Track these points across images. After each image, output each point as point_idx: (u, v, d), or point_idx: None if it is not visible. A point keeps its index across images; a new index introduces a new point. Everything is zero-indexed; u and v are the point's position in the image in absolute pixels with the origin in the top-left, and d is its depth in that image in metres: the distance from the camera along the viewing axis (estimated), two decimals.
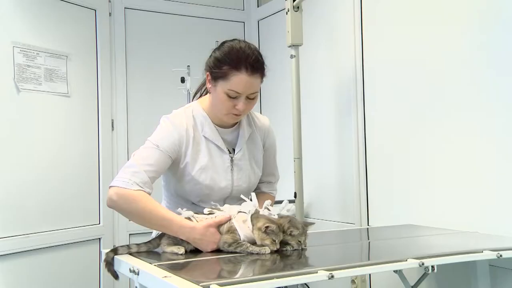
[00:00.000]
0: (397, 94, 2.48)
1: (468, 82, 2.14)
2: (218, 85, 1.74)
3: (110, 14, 3.23)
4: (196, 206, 1.81)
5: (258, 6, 3.67)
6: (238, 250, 1.59)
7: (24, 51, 2.72)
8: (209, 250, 1.63)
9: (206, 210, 1.69)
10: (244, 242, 1.59)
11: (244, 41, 1.78)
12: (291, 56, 2.74)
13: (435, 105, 2.28)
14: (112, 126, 3.21)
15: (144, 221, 1.70)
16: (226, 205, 1.72)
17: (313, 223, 1.73)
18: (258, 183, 1.99)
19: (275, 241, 1.56)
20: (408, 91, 2.42)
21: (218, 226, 1.63)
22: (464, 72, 2.15)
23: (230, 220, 1.63)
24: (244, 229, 1.60)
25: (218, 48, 1.78)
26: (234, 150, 1.87)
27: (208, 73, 1.79)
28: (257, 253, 1.57)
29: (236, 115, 1.77)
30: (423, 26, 2.35)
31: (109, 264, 1.66)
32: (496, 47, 2.03)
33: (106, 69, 3.18)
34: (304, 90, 2.80)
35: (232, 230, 1.61)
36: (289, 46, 2.74)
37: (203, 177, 1.78)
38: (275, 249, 1.57)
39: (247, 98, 1.74)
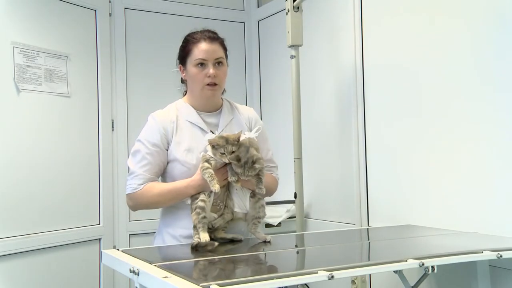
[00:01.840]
0: (398, 94, 2.48)
1: (469, 80, 2.14)
2: (187, 65, 1.95)
3: (110, 14, 3.23)
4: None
5: (258, 7, 3.67)
6: (203, 176, 1.75)
7: (24, 51, 2.72)
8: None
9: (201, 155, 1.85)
10: (208, 170, 1.75)
11: (203, 29, 1.99)
12: (291, 57, 2.75)
13: (435, 105, 2.28)
14: (112, 127, 3.21)
15: (162, 204, 1.94)
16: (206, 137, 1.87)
17: (261, 166, 1.76)
18: None
19: (224, 153, 1.72)
20: (408, 91, 2.42)
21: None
22: (465, 71, 2.15)
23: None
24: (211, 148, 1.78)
25: (182, 42, 2.00)
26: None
27: (180, 65, 2.00)
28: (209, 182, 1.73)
29: (210, 85, 1.92)
30: (424, 26, 2.35)
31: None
32: (498, 45, 2.03)
33: (106, 69, 3.18)
34: (304, 91, 2.80)
35: (204, 154, 1.80)
36: (289, 47, 2.74)
37: (190, 157, 1.90)
38: (226, 161, 1.73)
39: (215, 65, 1.92)
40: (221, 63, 1.95)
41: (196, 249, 1.69)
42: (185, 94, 2.08)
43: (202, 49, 1.91)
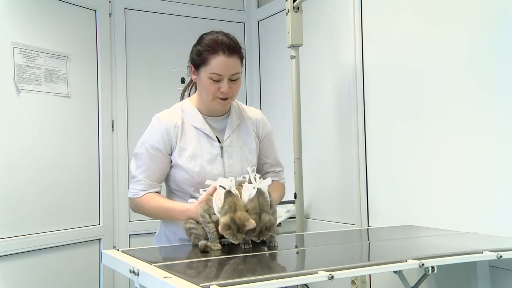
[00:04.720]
0: (397, 95, 2.48)
1: (468, 81, 2.14)
2: (201, 72, 1.85)
3: (110, 14, 3.23)
4: (195, 199, 1.85)
5: (258, 7, 3.67)
6: (204, 225, 1.68)
7: (24, 51, 2.72)
8: None
9: (205, 186, 1.78)
10: (209, 224, 1.66)
11: (221, 31, 1.88)
12: (291, 57, 2.74)
13: (435, 106, 2.28)
14: (112, 127, 3.21)
15: (156, 217, 1.97)
16: (219, 178, 1.75)
17: (277, 233, 1.69)
18: (265, 173, 2.04)
19: (233, 237, 1.60)
20: (408, 91, 2.42)
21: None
22: (464, 70, 2.15)
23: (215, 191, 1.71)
24: (218, 204, 1.66)
25: (197, 41, 1.89)
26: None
27: (191, 65, 1.91)
28: (210, 242, 1.67)
29: (222, 99, 1.86)
30: (423, 26, 2.35)
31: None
32: (499, 46, 2.03)
33: (106, 69, 3.18)
34: (304, 91, 2.80)
35: (209, 201, 1.70)
36: (289, 47, 2.74)
37: (193, 164, 1.86)
38: (236, 242, 1.63)
39: (230, 80, 1.83)
40: (237, 79, 1.85)
41: (205, 250, 1.68)
42: (188, 92, 2.05)
43: (220, 62, 1.80)
